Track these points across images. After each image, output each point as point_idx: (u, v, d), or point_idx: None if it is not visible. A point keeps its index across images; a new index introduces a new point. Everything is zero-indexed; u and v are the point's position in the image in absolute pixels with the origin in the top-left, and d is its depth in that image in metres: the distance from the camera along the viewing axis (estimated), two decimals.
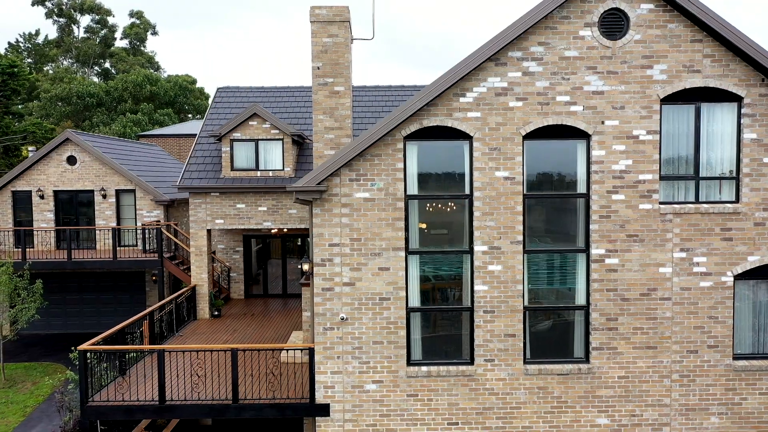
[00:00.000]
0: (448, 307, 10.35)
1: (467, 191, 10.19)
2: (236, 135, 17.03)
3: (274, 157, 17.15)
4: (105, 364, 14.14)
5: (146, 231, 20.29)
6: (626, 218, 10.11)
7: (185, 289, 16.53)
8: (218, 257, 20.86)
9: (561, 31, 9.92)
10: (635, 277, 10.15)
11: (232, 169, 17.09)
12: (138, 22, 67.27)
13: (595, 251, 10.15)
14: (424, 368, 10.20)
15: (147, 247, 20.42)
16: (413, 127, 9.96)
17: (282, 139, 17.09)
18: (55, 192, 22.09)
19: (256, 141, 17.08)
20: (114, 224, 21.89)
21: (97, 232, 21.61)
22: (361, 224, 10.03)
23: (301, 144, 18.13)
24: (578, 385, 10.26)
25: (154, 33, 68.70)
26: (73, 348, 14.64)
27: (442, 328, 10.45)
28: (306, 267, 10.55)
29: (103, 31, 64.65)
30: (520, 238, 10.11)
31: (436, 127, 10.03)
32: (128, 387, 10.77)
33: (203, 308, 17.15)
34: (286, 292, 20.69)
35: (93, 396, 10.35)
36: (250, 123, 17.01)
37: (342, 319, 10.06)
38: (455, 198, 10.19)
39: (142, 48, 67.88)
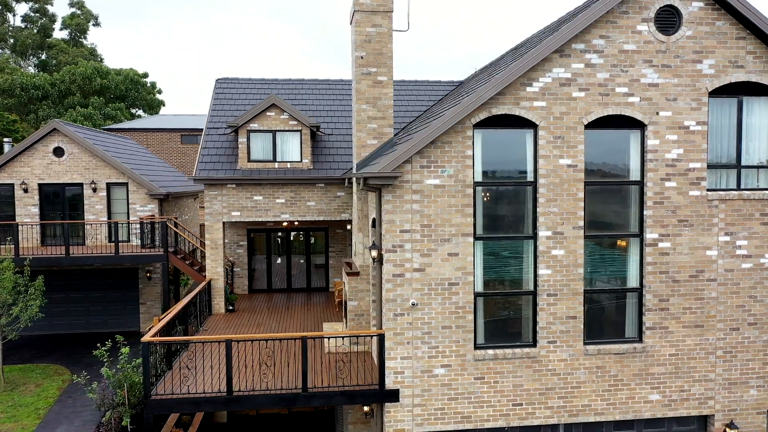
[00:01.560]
0: (512, 291, 10.61)
1: (531, 178, 10.49)
2: (253, 126, 16.68)
3: (292, 149, 16.92)
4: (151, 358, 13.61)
5: (148, 225, 19.49)
6: (677, 204, 10.69)
7: (203, 284, 16.05)
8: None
9: (620, 26, 10.38)
10: (685, 260, 10.75)
11: (249, 160, 16.73)
12: (79, 12, 63.88)
13: (649, 236, 10.68)
14: (490, 351, 10.42)
15: (145, 242, 19.63)
16: (482, 115, 10.16)
17: (300, 131, 16.88)
18: (40, 185, 20.85)
19: (274, 132, 16.79)
20: (105, 219, 20.92)
21: (88, 227, 20.59)
22: (432, 210, 10.13)
23: (313, 135, 17.96)
24: (633, 363, 10.76)
25: (97, 24, 65.55)
26: (99, 345, 14.02)
27: (505, 311, 10.70)
28: (374, 254, 10.52)
29: (41, 21, 61.08)
30: (581, 223, 10.50)
31: (503, 115, 10.27)
32: (194, 379, 10.42)
33: (219, 303, 16.71)
34: (291, 287, 20.42)
35: (156, 389, 9.96)
36: (268, 114, 16.71)
37: (413, 304, 10.14)
38: (520, 185, 10.47)
39: (83, 40, 64.61)
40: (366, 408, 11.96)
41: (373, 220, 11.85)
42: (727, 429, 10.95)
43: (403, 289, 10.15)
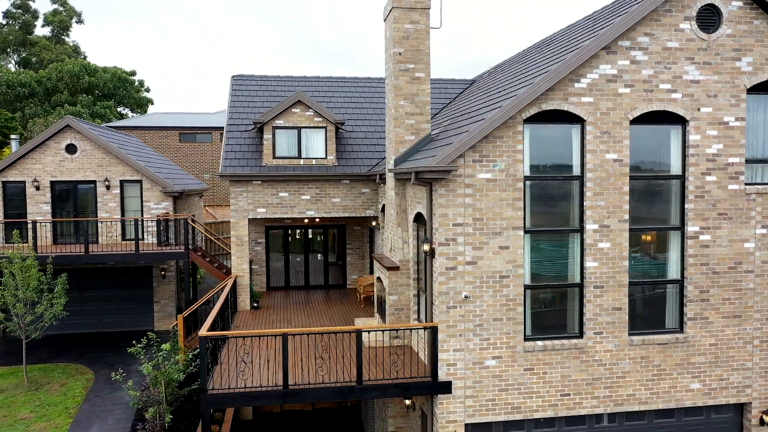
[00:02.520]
0: (559, 283, 10.80)
1: (578, 173, 10.69)
2: (279, 122, 16.67)
3: (317, 145, 16.94)
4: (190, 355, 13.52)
5: (163, 223, 19.32)
6: (717, 198, 10.99)
7: (228, 280, 15.99)
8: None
9: (664, 24, 10.64)
10: (724, 252, 11.06)
11: (274, 156, 16.71)
12: (62, 9, 62.70)
13: (691, 228, 10.96)
14: (539, 343, 10.60)
15: (162, 240, 19.45)
16: (532, 111, 10.33)
17: (325, 127, 16.91)
18: (52, 183, 20.52)
19: (299, 129, 16.79)
20: (118, 216, 20.67)
21: (106, 224, 20.33)
22: (483, 204, 10.28)
23: (336, 132, 17.98)
24: (675, 353, 11.03)
25: (80, 21, 64.43)
26: (134, 342, 13.90)
27: (552, 303, 10.89)
28: (426, 247, 10.62)
29: (23, 17, 59.83)
30: (627, 216, 10.73)
31: (551, 110, 10.46)
32: (250, 373, 10.41)
33: (244, 300, 16.66)
34: (309, 284, 20.42)
35: (213, 384, 9.94)
36: (293, 110, 16.71)
37: (465, 297, 10.27)
38: (568, 179, 10.67)
39: (65, 37, 63.49)
40: (407, 401, 12.04)
41: (417, 214, 11.96)
42: (764, 416, 11.29)
43: (456, 282, 10.27)
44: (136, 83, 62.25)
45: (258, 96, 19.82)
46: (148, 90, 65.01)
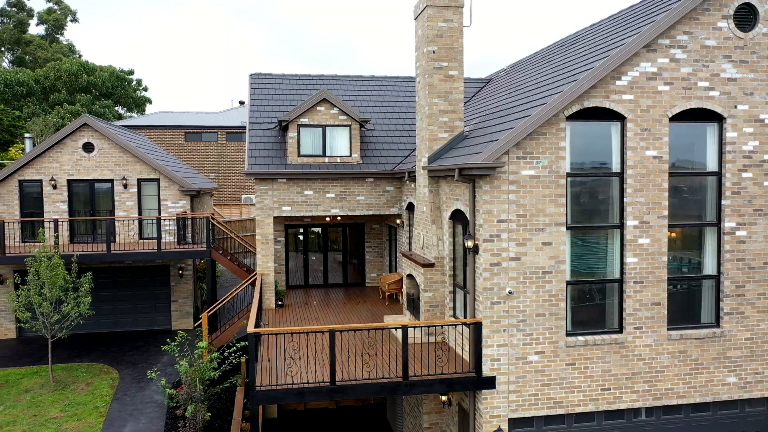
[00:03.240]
0: (600, 279, 10.92)
1: (618, 169, 10.81)
2: (304, 121, 16.68)
3: (341, 143, 16.97)
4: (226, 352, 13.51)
5: (182, 221, 19.27)
6: (753, 194, 11.14)
7: (254, 278, 15.99)
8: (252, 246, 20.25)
9: (702, 22, 10.77)
10: (759, 248, 11.21)
11: (299, 155, 16.73)
12: (56, 7, 62.17)
13: (727, 224, 11.11)
14: (580, 338, 10.70)
15: (182, 239, 19.41)
16: (575, 108, 10.43)
17: (350, 125, 16.94)
18: (69, 181, 20.41)
19: (324, 127, 16.82)
20: (136, 215, 20.60)
21: (117, 223, 20.24)
22: (527, 201, 10.37)
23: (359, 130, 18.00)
24: (712, 348, 11.17)
25: (74, 20, 63.97)
26: (151, 341, 13.83)
27: (592, 299, 11.00)
28: (469, 244, 10.69)
29: (18, 15, 59.27)
30: (666, 213, 10.86)
31: (593, 108, 10.57)
32: (297, 369, 10.43)
33: (269, 298, 16.65)
34: (327, 283, 20.43)
35: (262, 380, 9.97)
36: (318, 108, 16.73)
37: (509, 293, 10.35)
38: (609, 175, 10.78)
39: (59, 36, 62.98)
40: (443, 398, 12.11)
41: (455, 211, 12.03)
42: None
43: (500, 278, 10.35)
44: (134, 82, 61.94)
45: (278, 94, 19.82)
46: (146, 89, 64.69)
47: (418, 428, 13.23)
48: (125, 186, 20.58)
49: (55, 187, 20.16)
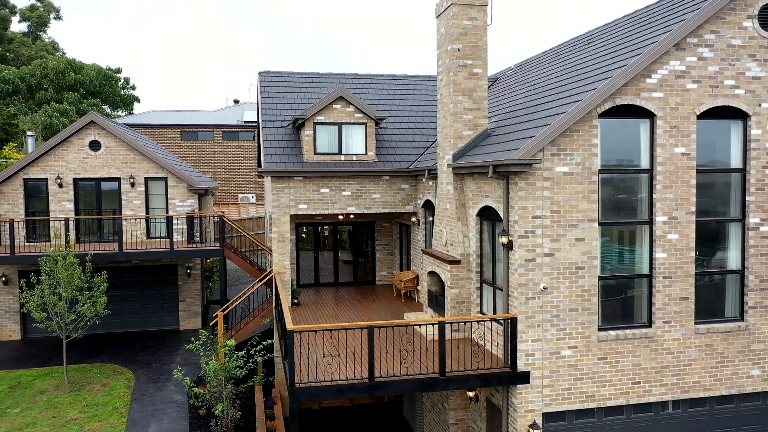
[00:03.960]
0: (630, 274, 11.07)
1: (647, 166, 10.97)
2: (320, 118, 16.64)
3: (357, 141, 16.96)
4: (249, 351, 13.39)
5: (189, 220, 19.09)
6: None
7: (265, 276, 15.91)
8: (269, 246, 20.16)
9: (728, 21, 10.98)
10: None
11: (315, 152, 16.68)
12: (39, 4, 61.10)
13: (752, 220, 11.34)
14: (612, 332, 10.84)
15: (193, 238, 19.23)
16: (607, 105, 10.57)
17: (365, 123, 16.94)
18: (75, 180, 20.10)
19: (340, 125, 16.79)
20: (143, 214, 20.36)
21: (124, 222, 20.00)
22: (561, 197, 10.48)
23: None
24: (737, 341, 11.39)
25: (58, 17, 62.97)
26: (159, 341, 13.71)
27: (621, 294, 11.15)
28: (504, 240, 10.76)
29: (1, 11, 58.16)
30: (693, 209, 11.05)
31: (623, 105, 10.71)
32: (337, 366, 10.41)
33: (285, 296, 16.55)
34: (338, 281, 20.40)
35: (301, 378, 9.94)
36: (334, 106, 16.70)
37: (543, 288, 10.45)
38: (639, 172, 10.94)
39: (41, 33, 61.89)
40: (470, 393, 12.18)
41: (483, 208, 12.10)
42: None
43: (534, 274, 10.45)
44: (122, 81, 61.15)
45: (288, 92, 19.74)
46: (133, 88, 63.91)
47: (443, 424, 13.29)
48: (132, 184, 20.33)
49: (61, 185, 19.84)
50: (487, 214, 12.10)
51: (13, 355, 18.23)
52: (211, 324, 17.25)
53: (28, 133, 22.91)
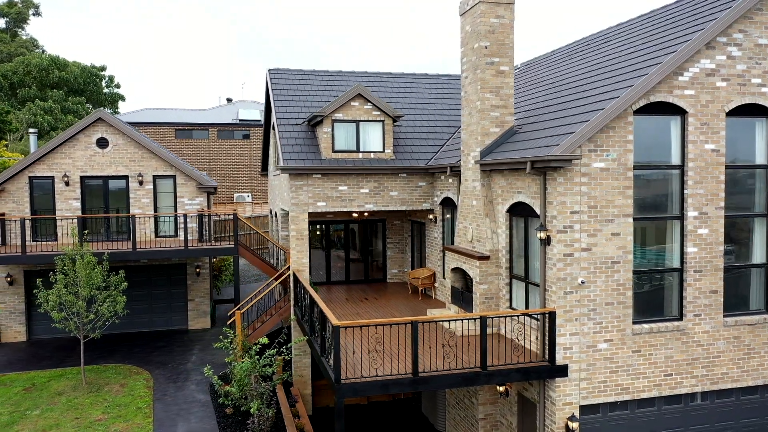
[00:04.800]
0: (661, 268, 11.28)
1: (679, 162, 11.20)
2: (338, 116, 16.61)
3: (374, 139, 16.97)
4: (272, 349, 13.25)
5: (197, 218, 18.90)
6: None
7: (282, 274, 15.84)
8: (281, 244, 20.07)
9: (756, 21, 11.25)
10: None
11: (333, 150, 16.65)
12: (18, 0, 59.79)
13: None
14: (646, 326, 11.04)
15: (203, 236, 19.04)
16: (641, 103, 10.76)
17: (383, 121, 16.96)
18: (82, 178, 19.75)
19: (357, 122, 16.79)
20: (151, 212, 20.09)
21: (136, 220, 19.71)
22: (597, 192, 10.63)
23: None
24: (763, 333, 11.68)
25: (37, 14, 61.76)
26: (168, 340, 13.55)
27: (653, 287, 11.35)
28: (542, 235, 10.87)
29: None
30: (722, 204, 11.31)
31: (656, 102, 10.92)
32: (382, 362, 10.41)
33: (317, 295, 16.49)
34: (349, 279, 20.39)
35: (346, 374, 9.93)
36: (352, 104, 16.69)
37: (581, 283, 10.60)
38: (671, 168, 11.16)
39: (18, 30, 60.58)
40: (500, 388, 12.30)
41: (515, 204, 12.20)
42: None
43: (572, 268, 10.59)
44: (106, 79, 60.12)
45: (299, 90, 19.66)
46: (118, 86, 62.94)
47: (470, 419, 13.38)
48: (141, 182, 20.05)
49: (67, 183, 19.48)
50: (517, 210, 12.22)
51: (22, 356, 17.85)
52: (228, 323, 17.09)
53: (30, 130, 22.40)
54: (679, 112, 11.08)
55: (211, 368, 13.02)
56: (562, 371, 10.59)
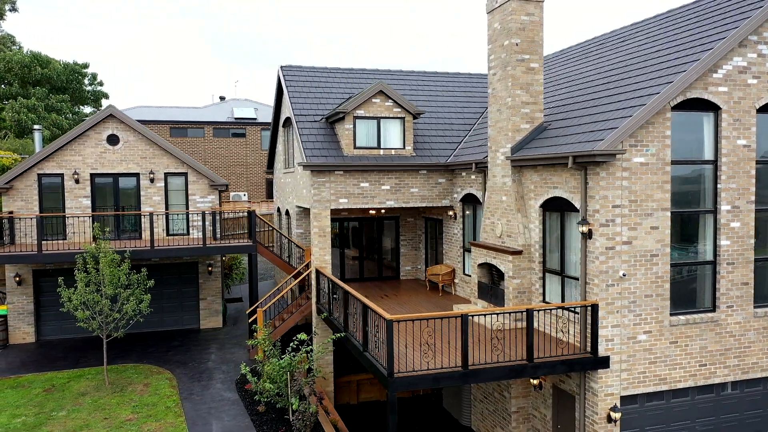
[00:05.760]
0: (695, 261, 11.54)
1: (713, 157, 11.48)
2: (359, 113, 16.61)
3: (394, 135, 17.01)
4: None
5: (215, 215, 18.70)
6: None
7: (308, 271, 15.78)
8: (296, 241, 19.99)
9: None
10: None
11: (355, 147, 16.65)
12: None
13: None
14: (682, 317, 11.29)
15: (217, 234, 18.85)
16: (679, 99, 11.00)
17: (403, 118, 17.01)
18: (92, 175, 19.40)
19: (378, 119, 16.81)
20: (163, 210, 19.82)
21: (143, 218, 19.44)
22: (638, 187, 10.84)
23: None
24: None
25: (13, 9, 60.35)
26: (180, 340, 13.43)
27: (687, 280, 11.60)
28: (584, 229, 11.03)
29: None
30: (753, 198, 11.62)
31: (693, 99, 11.17)
32: (433, 355, 10.45)
33: (325, 291, 16.46)
34: (363, 276, 20.38)
35: (399, 367, 9.95)
36: (374, 101, 16.71)
37: (623, 275, 10.79)
38: (705, 163, 11.42)
39: None
40: (534, 381, 12.45)
41: (550, 199, 12.35)
42: None
43: (614, 261, 10.78)
44: (89, 76, 59.05)
45: (312, 88, 19.59)
46: (101, 84, 61.87)
47: (501, 413, 13.51)
48: (152, 180, 19.77)
49: (77, 181, 19.12)
50: (552, 205, 12.38)
51: (34, 357, 17.47)
52: (249, 321, 16.96)
53: (35, 127, 21.88)
54: (713, 108, 11.35)
55: (246, 365, 12.89)
56: (605, 363, 10.77)
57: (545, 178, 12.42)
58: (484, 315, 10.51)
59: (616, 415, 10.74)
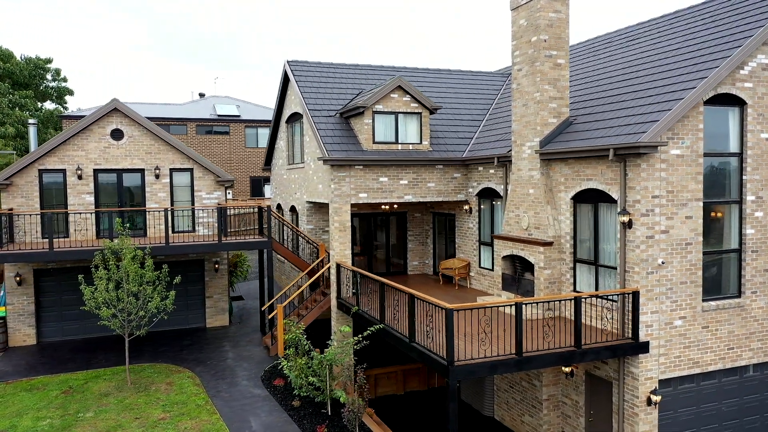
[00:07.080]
0: (722, 249, 12.08)
1: (737, 149, 12.03)
2: (378, 108, 16.65)
3: (412, 131, 17.12)
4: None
5: (216, 212, 18.41)
6: None
7: (327, 266, 15.75)
8: (309, 236, 19.85)
9: None
10: None
11: (374, 141, 16.68)
12: None
13: None
14: (713, 303, 11.80)
15: (226, 231, 18.56)
16: (710, 94, 11.49)
17: (420, 113, 17.13)
18: (96, 171, 18.79)
19: (396, 114, 16.88)
20: (168, 206, 19.37)
21: (148, 215, 18.98)
22: (674, 178, 11.28)
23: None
24: None
25: None
26: (190, 339, 13.31)
27: (716, 267, 12.13)
28: (624, 219, 11.38)
29: None
30: None
31: (722, 94, 11.69)
32: (490, 343, 10.59)
33: (347, 285, 16.45)
34: (372, 271, 20.39)
35: (458, 356, 10.07)
36: (392, 96, 16.77)
37: (661, 263, 11.21)
38: (732, 155, 11.97)
39: None
40: (566, 369, 12.79)
41: (582, 191, 12.69)
42: None
43: (653, 250, 11.19)
44: (52, 72, 56.96)
45: (322, 83, 19.50)
46: (65, 80, 59.77)
47: (530, 401, 13.80)
48: (157, 176, 19.30)
49: (80, 177, 18.49)
50: (584, 197, 12.73)
51: (39, 360, 16.83)
52: (269, 317, 16.78)
53: (30, 121, 21.02)
54: (739, 103, 11.91)
55: (276, 361, 12.76)
56: (645, 348, 11.17)
57: (577, 170, 12.76)
58: (535, 303, 10.74)
59: (657, 398, 11.16)
